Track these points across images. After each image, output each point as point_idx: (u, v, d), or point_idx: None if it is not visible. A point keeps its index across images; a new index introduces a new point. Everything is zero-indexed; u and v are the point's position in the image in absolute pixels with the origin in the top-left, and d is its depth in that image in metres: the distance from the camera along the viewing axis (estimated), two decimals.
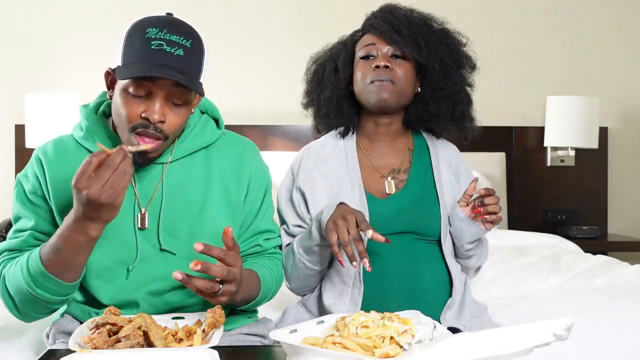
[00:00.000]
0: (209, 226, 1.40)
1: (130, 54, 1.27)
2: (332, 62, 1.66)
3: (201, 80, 1.33)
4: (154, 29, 1.26)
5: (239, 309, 1.45)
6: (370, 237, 1.33)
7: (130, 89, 1.27)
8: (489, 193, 1.47)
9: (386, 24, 1.58)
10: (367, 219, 1.51)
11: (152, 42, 1.25)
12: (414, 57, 1.58)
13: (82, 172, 1.16)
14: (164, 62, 1.25)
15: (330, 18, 3.35)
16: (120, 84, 1.29)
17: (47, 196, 1.38)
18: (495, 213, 1.48)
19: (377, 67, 1.56)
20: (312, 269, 1.53)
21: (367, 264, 1.31)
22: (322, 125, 1.71)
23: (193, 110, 1.39)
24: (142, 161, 1.34)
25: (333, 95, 1.64)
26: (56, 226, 1.35)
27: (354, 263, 1.33)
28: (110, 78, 1.35)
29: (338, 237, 1.35)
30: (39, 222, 1.38)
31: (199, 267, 1.16)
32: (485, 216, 1.48)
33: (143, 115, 1.28)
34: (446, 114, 1.62)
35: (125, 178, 1.17)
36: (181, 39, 1.27)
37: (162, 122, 1.29)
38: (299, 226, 1.60)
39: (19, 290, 1.30)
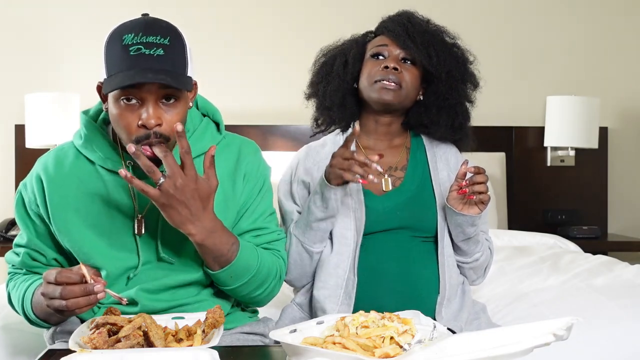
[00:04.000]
0: None
1: (112, 65, 1.26)
2: (342, 57, 1.68)
3: (189, 74, 1.30)
4: (129, 35, 1.24)
5: (211, 272, 1.37)
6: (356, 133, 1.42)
7: (122, 100, 1.26)
8: (479, 171, 1.46)
9: (402, 28, 1.62)
10: (364, 215, 1.56)
11: (130, 48, 1.24)
12: (422, 65, 1.60)
13: (56, 273, 1.21)
14: (145, 66, 1.23)
15: (331, 18, 3.35)
16: (112, 96, 1.27)
17: (44, 216, 1.40)
18: (482, 193, 1.46)
19: (387, 67, 1.58)
20: (309, 250, 1.54)
21: (375, 166, 1.38)
22: (323, 117, 1.71)
23: (191, 104, 1.36)
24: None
25: (339, 88, 1.66)
26: (47, 243, 1.42)
27: (370, 177, 1.38)
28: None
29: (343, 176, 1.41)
30: (31, 239, 1.43)
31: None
32: (472, 196, 1.47)
33: (139, 124, 1.26)
34: (446, 122, 1.64)
35: (82, 309, 1.20)
36: (158, 38, 1.25)
37: (160, 125, 1.27)
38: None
39: (22, 313, 1.41)
